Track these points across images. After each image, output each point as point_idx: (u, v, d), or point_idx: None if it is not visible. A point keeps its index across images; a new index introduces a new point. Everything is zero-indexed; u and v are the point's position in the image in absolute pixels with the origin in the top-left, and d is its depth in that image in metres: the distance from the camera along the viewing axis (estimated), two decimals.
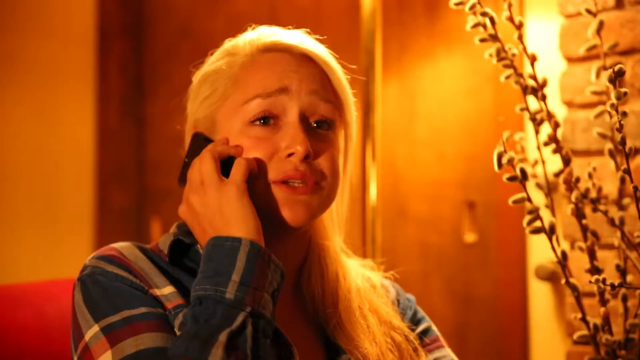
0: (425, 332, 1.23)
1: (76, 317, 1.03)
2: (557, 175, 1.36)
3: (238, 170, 1.03)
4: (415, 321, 1.24)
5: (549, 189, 1.40)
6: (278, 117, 1.08)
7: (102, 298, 1.01)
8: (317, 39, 1.15)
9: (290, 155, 1.06)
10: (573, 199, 1.32)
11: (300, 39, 1.12)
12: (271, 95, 1.07)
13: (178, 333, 1.00)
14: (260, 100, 1.07)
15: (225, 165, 1.05)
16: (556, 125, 1.36)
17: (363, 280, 1.21)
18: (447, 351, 1.23)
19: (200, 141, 1.10)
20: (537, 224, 1.30)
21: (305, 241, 1.16)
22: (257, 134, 1.07)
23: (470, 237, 2.27)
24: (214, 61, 1.14)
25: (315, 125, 1.10)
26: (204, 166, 1.04)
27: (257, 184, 1.05)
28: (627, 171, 1.20)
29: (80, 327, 1.01)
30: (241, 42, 1.13)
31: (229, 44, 1.15)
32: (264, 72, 1.09)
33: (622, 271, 1.33)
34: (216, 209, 1.01)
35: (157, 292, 1.04)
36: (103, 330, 0.99)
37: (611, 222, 1.33)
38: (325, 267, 1.16)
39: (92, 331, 0.99)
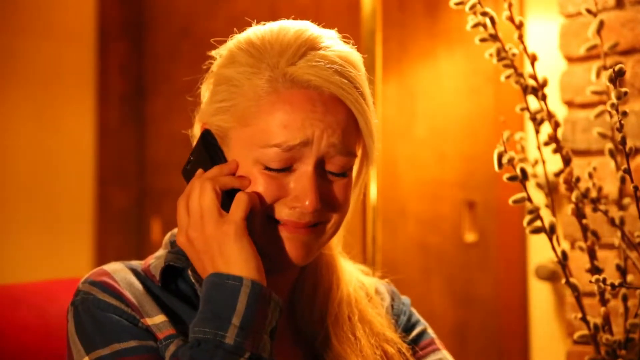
0: (420, 335, 1.21)
1: (69, 344, 1.03)
2: (557, 175, 1.36)
3: (238, 207, 0.99)
4: (409, 325, 1.22)
5: (549, 189, 1.40)
6: (293, 163, 1.03)
7: (93, 329, 1.01)
8: (349, 44, 1.08)
9: (297, 207, 1.03)
10: (573, 198, 1.32)
11: (333, 73, 1.02)
12: (292, 149, 1.01)
13: None
14: (279, 151, 1.01)
15: (229, 195, 1.02)
16: (556, 125, 1.36)
17: (357, 287, 1.18)
18: (443, 354, 1.21)
19: (208, 144, 1.06)
20: (538, 223, 1.30)
21: None
22: (269, 173, 1.02)
23: (470, 237, 2.27)
24: (238, 59, 1.05)
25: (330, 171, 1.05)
26: (204, 199, 1.00)
27: (258, 220, 1.02)
28: (628, 171, 1.20)
29: (73, 355, 1.02)
30: (269, 51, 1.03)
31: (257, 39, 1.06)
32: (288, 115, 1.01)
33: (622, 271, 1.33)
34: (216, 248, 0.99)
35: (149, 321, 1.02)
36: None
37: (611, 222, 1.33)
38: (320, 277, 1.14)
39: None
